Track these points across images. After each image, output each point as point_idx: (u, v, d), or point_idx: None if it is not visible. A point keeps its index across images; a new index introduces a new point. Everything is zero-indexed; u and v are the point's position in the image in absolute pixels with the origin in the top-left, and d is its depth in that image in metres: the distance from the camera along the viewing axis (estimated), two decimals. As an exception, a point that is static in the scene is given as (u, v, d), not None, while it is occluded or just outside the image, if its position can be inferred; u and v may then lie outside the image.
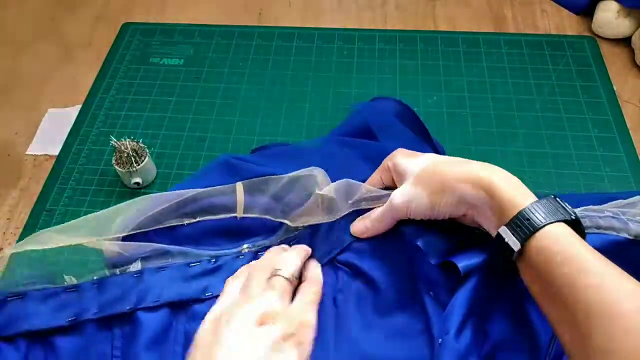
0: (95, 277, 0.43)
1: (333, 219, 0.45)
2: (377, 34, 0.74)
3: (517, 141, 0.61)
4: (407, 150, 0.45)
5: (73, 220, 0.44)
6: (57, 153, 0.62)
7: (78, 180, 0.60)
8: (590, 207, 0.42)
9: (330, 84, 0.68)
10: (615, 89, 0.66)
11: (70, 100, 0.68)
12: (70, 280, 0.43)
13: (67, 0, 0.82)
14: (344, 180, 0.46)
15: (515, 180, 0.38)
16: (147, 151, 0.57)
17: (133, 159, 0.55)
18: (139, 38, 0.75)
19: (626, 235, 0.40)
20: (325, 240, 0.46)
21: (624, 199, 0.43)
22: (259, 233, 0.48)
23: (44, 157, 0.63)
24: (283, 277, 0.40)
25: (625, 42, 0.71)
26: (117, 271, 0.44)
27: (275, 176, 0.48)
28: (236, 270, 0.43)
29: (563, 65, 0.69)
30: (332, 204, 0.46)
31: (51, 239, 0.42)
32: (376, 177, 0.46)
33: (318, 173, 0.47)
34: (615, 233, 0.40)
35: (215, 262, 0.45)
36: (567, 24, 0.75)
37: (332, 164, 0.50)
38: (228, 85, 0.69)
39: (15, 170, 0.62)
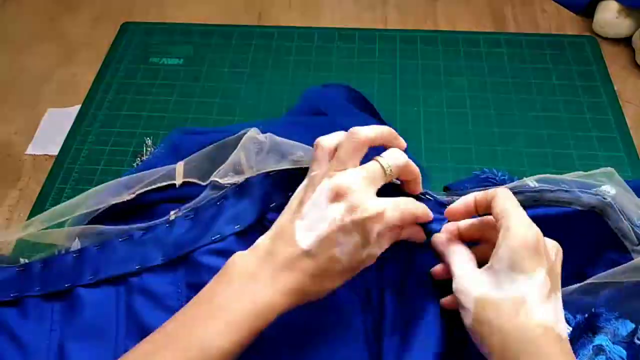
0: (44, 256, 0.47)
1: (256, 173, 0.45)
2: (377, 34, 0.74)
3: (517, 141, 0.61)
4: (517, 203, 0.36)
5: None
6: (56, 153, 0.62)
7: (77, 180, 0.59)
8: (548, 175, 0.43)
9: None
10: (615, 88, 0.66)
11: (69, 100, 0.68)
12: (23, 261, 0.47)
13: (67, 0, 0.82)
14: (280, 138, 0.46)
15: None
16: None
17: None
18: (139, 38, 0.75)
19: (578, 207, 0.41)
20: (254, 197, 0.45)
21: None
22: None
23: (44, 157, 0.63)
24: (380, 164, 0.38)
25: (625, 42, 0.71)
26: (63, 251, 0.47)
27: (212, 145, 0.49)
28: (167, 239, 0.45)
29: (564, 64, 0.69)
30: (261, 162, 0.45)
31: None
32: (471, 199, 0.39)
33: (249, 130, 0.47)
34: (566, 206, 0.41)
35: (144, 233, 0.46)
36: (567, 23, 0.75)
37: None
38: (228, 85, 0.69)
39: (15, 170, 0.62)
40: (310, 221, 0.36)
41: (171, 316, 0.38)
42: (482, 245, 0.39)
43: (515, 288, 0.33)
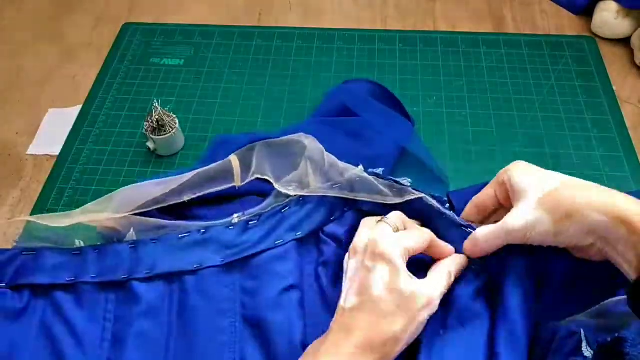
0: (98, 243, 0.47)
1: (323, 193, 0.46)
2: (377, 34, 0.74)
3: (517, 141, 0.61)
4: (526, 163, 0.40)
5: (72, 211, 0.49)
6: (57, 153, 0.63)
7: (79, 180, 0.60)
8: None
9: (330, 84, 0.68)
10: (614, 89, 0.66)
11: (70, 100, 0.69)
12: (79, 244, 0.48)
13: (67, 0, 0.82)
14: (334, 158, 0.47)
15: None
16: (177, 124, 0.60)
17: (158, 127, 0.59)
18: (140, 38, 0.75)
19: None
20: (317, 208, 0.46)
21: None
22: (250, 200, 0.50)
23: (45, 157, 0.63)
24: (387, 223, 0.41)
25: (624, 42, 0.71)
26: (115, 240, 0.48)
27: (267, 140, 0.50)
28: (228, 241, 0.46)
29: (563, 65, 0.69)
30: (323, 176, 0.47)
31: (53, 218, 0.48)
32: (489, 192, 0.42)
33: (306, 139, 0.48)
34: None
35: (204, 233, 0.46)
36: (566, 24, 0.75)
37: None
38: (228, 85, 0.69)
39: (16, 170, 0.62)
40: None
41: (223, 320, 0.41)
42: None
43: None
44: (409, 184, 0.46)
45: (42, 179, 0.60)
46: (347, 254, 0.41)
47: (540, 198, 0.37)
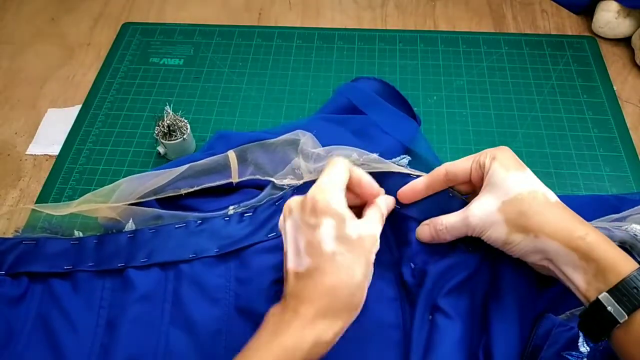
0: (97, 234, 0.48)
1: (314, 178, 0.46)
2: (377, 34, 0.74)
3: (517, 141, 0.61)
4: (511, 154, 0.40)
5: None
6: (57, 153, 0.62)
7: (78, 180, 0.59)
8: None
9: (330, 84, 0.68)
10: (615, 88, 0.66)
11: (70, 100, 0.68)
12: (77, 234, 0.49)
13: (67, 0, 0.82)
14: (335, 147, 0.48)
15: (611, 242, 0.35)
16: (188, 129, 0.59)
17: (169, 132, 0.58)
18: (139, 38, 0.75)
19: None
20: None
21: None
22: (247, 193, 0.51)
23: (44, 157, 0.63)
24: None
25: (625, 42, 0.71)
26: (114, 230, 0.48)
27: (263, 141, 0.51)
28: (224, 232, 0.46)
29: (563, 65, 0.69)
30: (317, 166, 0.47)
31: (55, 208, 0.49)
32: (466, 166, 0.41)
33: (302, 136, 0.49)
34: None
35: (200, 223, 0.47)
36: (567, 24, 0.75)
37: (320, 141, 0.51)
38: (228, 85, 0.69)
39: (15, 170, 0.62)
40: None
41: (216, 310, 0.41)
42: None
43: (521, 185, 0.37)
44: (406, 164, 0.46)
45: (41, 179, 0.60)
46: (282, 217, 0.39)
47: (504, 202, 0.37)
